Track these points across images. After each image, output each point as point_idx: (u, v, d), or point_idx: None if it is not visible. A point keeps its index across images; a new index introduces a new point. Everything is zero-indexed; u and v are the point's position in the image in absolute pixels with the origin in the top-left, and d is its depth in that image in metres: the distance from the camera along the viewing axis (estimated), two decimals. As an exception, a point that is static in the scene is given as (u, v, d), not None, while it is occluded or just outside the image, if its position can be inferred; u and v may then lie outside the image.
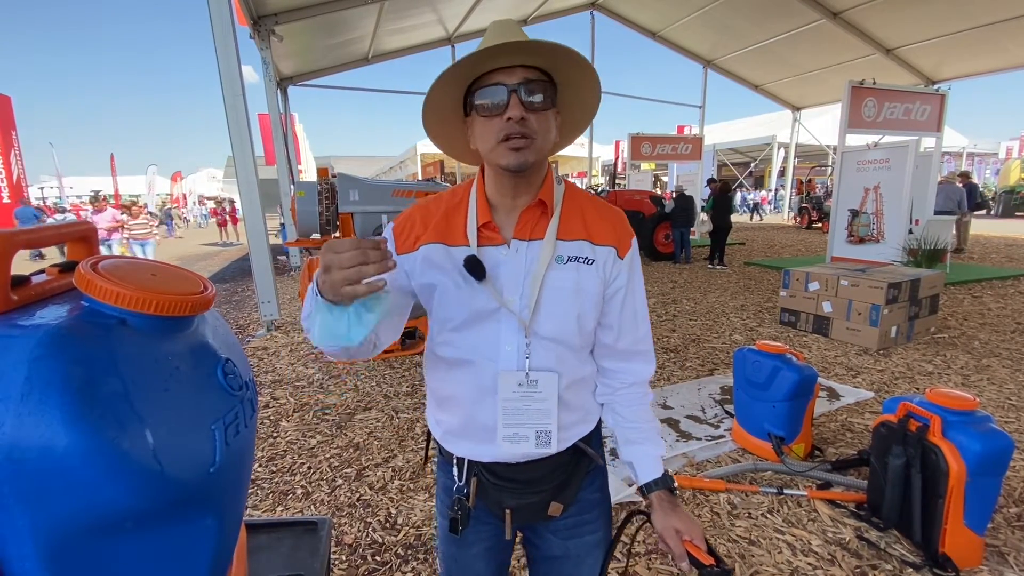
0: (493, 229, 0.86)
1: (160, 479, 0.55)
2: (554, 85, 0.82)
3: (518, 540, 1.04)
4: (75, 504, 0.51)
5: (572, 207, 0.90)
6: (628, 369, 0.95)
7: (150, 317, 0.60)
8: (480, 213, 0.86)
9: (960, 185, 10.04)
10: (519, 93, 0.77)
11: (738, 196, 24.94)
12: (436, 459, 1.04)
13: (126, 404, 0.53)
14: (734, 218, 10.01)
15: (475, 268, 0.83)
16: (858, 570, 1.90)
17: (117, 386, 0.53)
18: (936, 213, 8.15)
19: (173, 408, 0.59)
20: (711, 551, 0.82)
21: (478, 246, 0.85)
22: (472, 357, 0.87)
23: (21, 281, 0.61)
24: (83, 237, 0.72)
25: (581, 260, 0.86)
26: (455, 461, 0.94)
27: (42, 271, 0.68)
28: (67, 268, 0.67)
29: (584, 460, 0.96)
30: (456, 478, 0.94)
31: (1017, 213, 19.48)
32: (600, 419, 1.00)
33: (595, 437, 0.99)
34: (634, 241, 0.92)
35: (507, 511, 0.93)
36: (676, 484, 1.07)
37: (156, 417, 0.56)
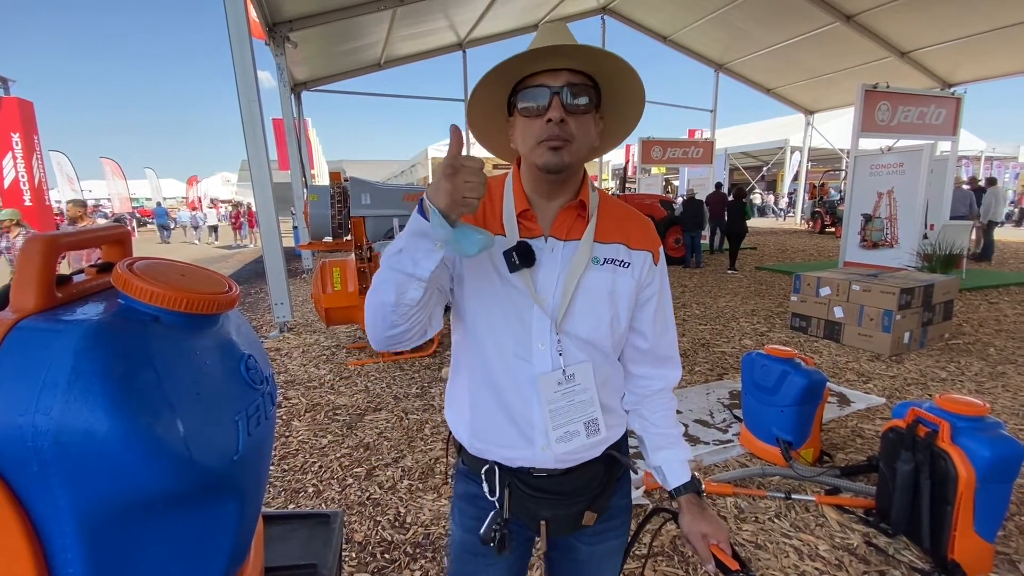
0: (531, 219, 0.86)
1: (189, 464, 0.59)
2: (598, 90, 0.83)
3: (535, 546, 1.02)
4: (113, 485, 0.56)
5: (608, 211, 0.90)
6: (659, 375, 0.96)
7: (181, 314, 0.64)
8: (518, 202, 0.86)
9: (969, 189, 9.92)
10: (562, 96, 0.77)
11: (758, 199, 24.83)
12: (456, 468, 1.00)
13: (160, 394, 0.58)
14: (757, 222, 9.94)
15: (525, 254, 0.81)
16: (866, 575, 1.89)
17: (152, 377, 0.58)
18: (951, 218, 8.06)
19: (201, 399, 0.63)
20: (736, 555, 0.83)
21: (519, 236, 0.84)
22: (504, 355, 0.85)
23: (64, 280, 0.66)
24: (118, 240, 0.77)
25: (617, 263, 0.87)
26: (483, 471, 0.91)
27: (81, 271, 0.73)
28: (104, 268, 0.72)
29: (616, 467, 0.96)
30: (488, 491, 0.90)
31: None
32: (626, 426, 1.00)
33: (624, 443, 1.00)
34: (661, 249, 0.94)
35: (542, 523, 0.91)
36: (704, 487, 1.07)
37: (186, 407, 0.60)
